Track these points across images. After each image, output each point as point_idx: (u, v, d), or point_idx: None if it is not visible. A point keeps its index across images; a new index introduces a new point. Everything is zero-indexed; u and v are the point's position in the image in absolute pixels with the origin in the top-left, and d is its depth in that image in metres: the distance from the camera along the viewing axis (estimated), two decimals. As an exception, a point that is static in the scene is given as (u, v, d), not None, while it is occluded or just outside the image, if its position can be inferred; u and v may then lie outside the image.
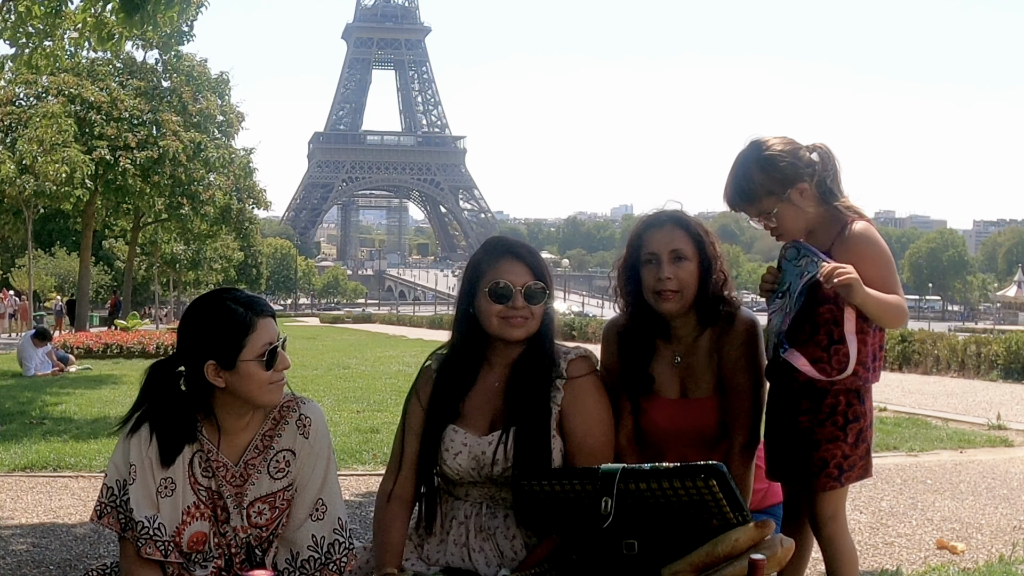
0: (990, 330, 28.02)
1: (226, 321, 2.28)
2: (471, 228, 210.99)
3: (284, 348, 2.35)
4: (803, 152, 2.58)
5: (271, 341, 2.30)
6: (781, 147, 2.57)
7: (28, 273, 32.51)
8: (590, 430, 2.55)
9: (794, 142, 2.60)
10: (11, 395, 10.53)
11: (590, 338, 23.58)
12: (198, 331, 2.32)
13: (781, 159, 2.55)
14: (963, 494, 5.15)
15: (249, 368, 2.27)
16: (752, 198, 2.60)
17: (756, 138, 2.63)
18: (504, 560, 2.49)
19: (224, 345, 2.27)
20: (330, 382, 12.17)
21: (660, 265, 2.66)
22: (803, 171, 2.56)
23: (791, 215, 2.58)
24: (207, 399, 2.33)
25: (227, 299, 2.33)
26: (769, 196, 2.57)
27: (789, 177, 2.55)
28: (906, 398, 10.26)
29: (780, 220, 2.59)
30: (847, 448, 2.52)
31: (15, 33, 8.85)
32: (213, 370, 2.28)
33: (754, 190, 2.58)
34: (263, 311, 2.32)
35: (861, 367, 2.51)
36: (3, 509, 4.78)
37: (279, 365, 2.31)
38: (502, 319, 2.54)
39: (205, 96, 30.73)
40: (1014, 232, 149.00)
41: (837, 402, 2.51)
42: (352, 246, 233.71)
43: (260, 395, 2.31)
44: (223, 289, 2.43)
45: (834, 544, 2.58)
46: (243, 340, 2.27)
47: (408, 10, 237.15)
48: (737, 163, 2.62)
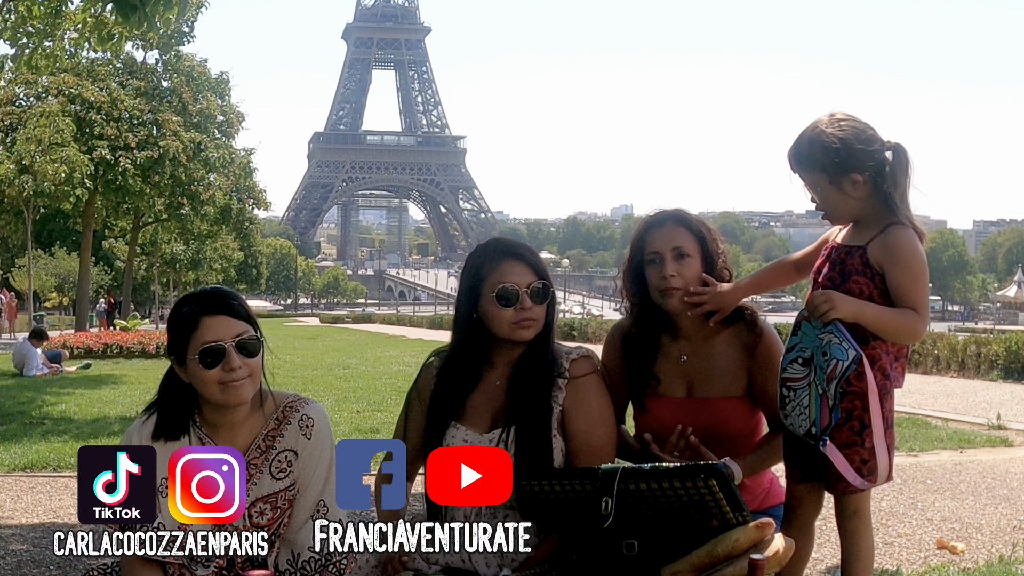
0: (990, 330, 28.01)
1: (175, 317, 2.34)
2: (471, 228, 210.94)
3: (255, 349, 2.31)
4: (876, 145, 2.47)
5: (216, 340, 2.27)
6: (854, 131, 2.47)
7: (28, 273, 32.53)
8: (592, 430, 2.55)
9: (873, 131, 2.49)
10: (11, 395, 10.54)
11: (590, 338, 23.58)
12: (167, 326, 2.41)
13: (846, 142, 2.45)
14: (963, 494, 5.15)
15: (193, 366, 2.29)
16: (804, 166, 2.52)
17: (836, 111, 2.53)
18: (504, 560, 2.49)
19: (175, 341, 2.33)
20: (330, 382, 12.17)
21: (663, 263, 2.68)
22: (864, 163, 2.46)
23: (837, 200, 2.51)
24: (196, 395, 2.36)
25: (188, 296, 2.38)
26: (820, 172, 2.49)
27: (845, 162, 2.45)
28: (906, 398, 10.25)
29: (824, 200, 2.52)
30: (865, 453, 2.47)
31: (15, 33, 8.85)
32: (175, 365, 2.35)
33: (808, 160, 2.50)
34: (216, 310, 2.30)
35: (880, 374, 2.47)
36: (3, 509, 4.79)
37: (226, 366, 2.28)
38: (513, 324, 2.54)
39: (205, 96, 30.72)
40: (1014, 232, 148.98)
41: (854, 407, 2.45)
42: (352, 246, 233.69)
43: (211, 394, 2.31)
44: (203, 287, 2.47)
45: (854, 540, 2.56)
46: (188, 337, 2.29)
47: (408, 10, 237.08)
48: (808, 128, 2.53)
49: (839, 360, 2.40)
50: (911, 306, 2.44)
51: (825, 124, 2.50)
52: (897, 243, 2.45)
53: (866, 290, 2.48)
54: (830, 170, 2.47)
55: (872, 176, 2.47)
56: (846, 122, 2.49)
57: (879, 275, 2.46)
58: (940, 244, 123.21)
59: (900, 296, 2.44)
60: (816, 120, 2.53)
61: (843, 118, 2.50)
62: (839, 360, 2.40)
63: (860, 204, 2.50)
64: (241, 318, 2.33)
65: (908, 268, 2.44)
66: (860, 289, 2.48)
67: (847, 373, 2.40)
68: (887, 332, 2.45)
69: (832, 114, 2.53)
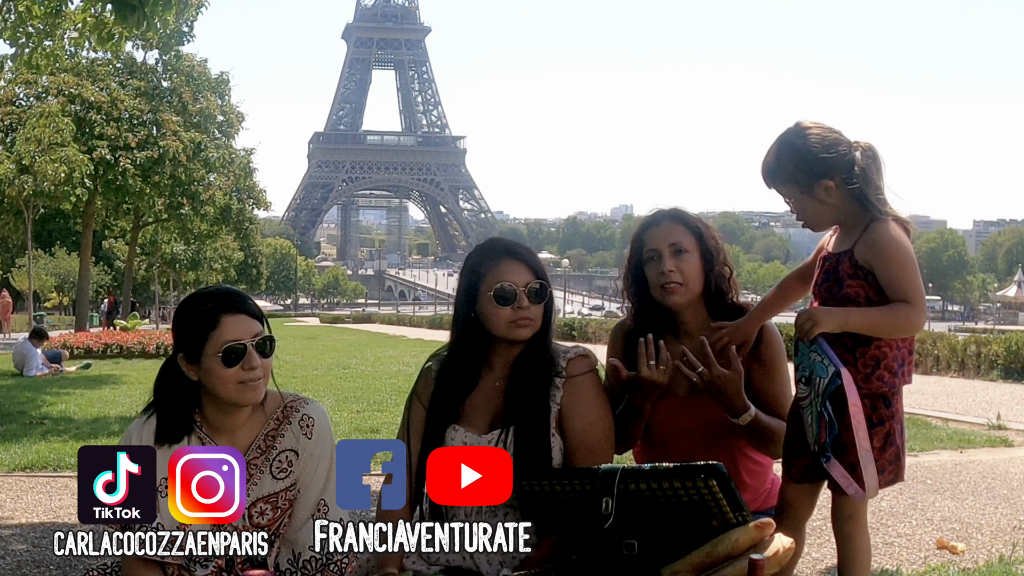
0: (990, 330, 28.03)
1: (192, 315, 2.31)
2: (471, 228, 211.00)
3: (266, 348, 2.32)
4: (843, 148, 2.48)
5: (237, 339, 2.28)
6: (819, 138, 2.48)
7: (28, 273, 32.54)
8: (590, 429, 2.55)
9: (837, 135, 2.50)
10: (11, 395, 10.54)
11: (590, 338, 23.60)
12: (175, 324, 2.38)
13: (812, 150, 2.47)
14: (963, 494, 5.15)
15: (210, 364, 2.28)
16: (776, 180, 2.54)
17: (801, 121, 2.55)
18: (504, 560, 2.49)
19: (189, 339, 2.30)
20: (330, 382, 12.17)
21: (662, 259, 2.69)
22: (834, 168, 2.47)
23: (814, 208, 2.52)
24: (198, 395, 2.35)
25: (202, 294, 2.35)
26: (792, 184, 2.51)
27: (815, 170, 2.47)
28: (906, 398, 10.10)
29: (801, 210, 2.54)
30: (874, 452, 2.46)
31: (15, 33, 8.85)
32: (184, 363, 2.32)
33: (778, 173, 2.53)
34: (233, 308, 2.30)
35: (887, 372, 2.47)
36: (3, 509, 4.79)
37: (245, 364, 2.28)
38: (511, 323, 2.55)
39: (205, 96, 30.70)
40: (1014, 232, 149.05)
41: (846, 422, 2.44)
42: (352, 246, 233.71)
43: (227, 393, 2.30)
44: (212, 285, 2.45)
45: (851, 543, 2.56)
46: (206, 335, 2.28)
47: (408, 10, 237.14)
48: (775, 142, 2.55)
49: (821, 378, 2.42)
50: (903, 298, 2.43)
51: (790, 135, 2.52)
52: (879, 238, 2.46)
53: (862, 292, 2.48)
54: (801, 180, 2.50)
55: (843, 179, 2.48)
56: (810, 130, 2.51)
57: (870, 274, 2.46)
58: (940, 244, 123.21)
59: (891, 289, 2.44)
60: (781, 134, 2.56)
61: (808, 126, 2.52)
62: (821, 378, 2.42)
63: (837, 209, 2.52)
64: (256, 318, 2.34)
65: (893, 260, 2.44)
66: (856, 292, 2.48)
67: (830, 389, 2.40)
68: (881, 331, 2.44)
69: (797, 124, 2.55)
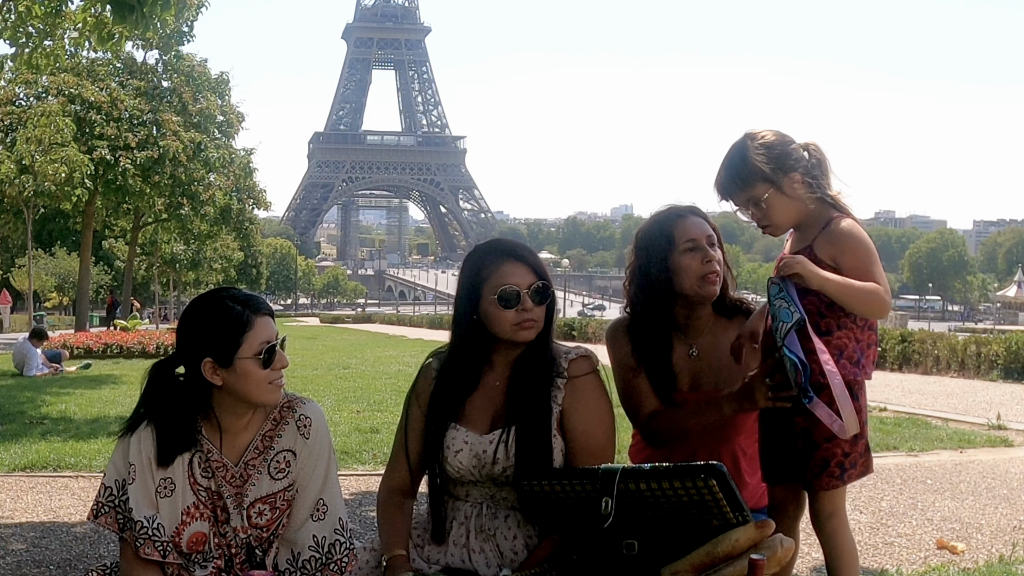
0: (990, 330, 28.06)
1: (224, 318, 2.28)
2: (471, 228, 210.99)
3: (283, 348, 2.34)
4: (794, 147, 2.59)
5: (269, 340, 2.29)
6: (774, 138, 2.59)
7: (28, 273, 32.54)
8: (591, 429, 2.55)
9: (786, 136, 2.61)
10: (11, 395, 10.54)
11: (590, 338, 23.59)
12: (197, 329, 2.32)
13: (775, 147, 2.56)
14: (963, 494, 5.15)
15: (246, 366, 2.27)
16: (746, 182, 2.58)
17: (750, 130, 2.64)
18: (504, 560, 2.49)
19: (221, 342, 2.27)
20: (330, 382, 12.17)
21: (703, 250, 2.71)
22: (798, 160, 2.57)
23: (782, 205, 2.57)
24: (207, 399, 2.33)
25: (226, 297, 2.33)
26: (763, 182, 2.56)
27: (782, 165, 2.55)
28: (906, 398, 10.25)
29: (770, 209, 2.58)
30: (846, 446, 2.51)
31: (15, 33, 8.86)
32: (211, 367, 2.28)
33: (748, 174, 2.57)
34: (261, 309, 2.32)
35: (848, 362, 2.51)
36: (3, 509, 4.78)
37: (277, 364, 2.30)
38: (515, 325, 2.54)
39: (205, 96, 30.69)
40: (1014, 232, 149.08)
41: (831, 400, 2.48)
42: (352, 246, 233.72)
43: (258, 394, 2.30)
44: (222, 288, 2.43)
45: (835, 541, 2.58)
46: (240, 338, 2.27)
47: (408, 10, 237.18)
48: (731, 150, 2.62)
49: (784, 322, 2.46)
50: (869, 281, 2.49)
51: (749, 140, 2.59)
52: (841, 233, 2.53)
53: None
54: (771, 177, 2.56)
55: (803, 172, 2.57)
56: (765, 132, 2.60)
57: (834, 269, 2.51)
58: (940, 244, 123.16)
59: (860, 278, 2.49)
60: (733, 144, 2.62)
61: (761, 131, 2.61)
62: (784, 322, 2.46)
63: (803, 204, 2.58)
64: (274, 319, 2.37)
65: (857, 252, 2.52)
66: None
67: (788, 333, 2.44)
68: (852, 301, 2.48)
69: (748, 132, 2.62)
